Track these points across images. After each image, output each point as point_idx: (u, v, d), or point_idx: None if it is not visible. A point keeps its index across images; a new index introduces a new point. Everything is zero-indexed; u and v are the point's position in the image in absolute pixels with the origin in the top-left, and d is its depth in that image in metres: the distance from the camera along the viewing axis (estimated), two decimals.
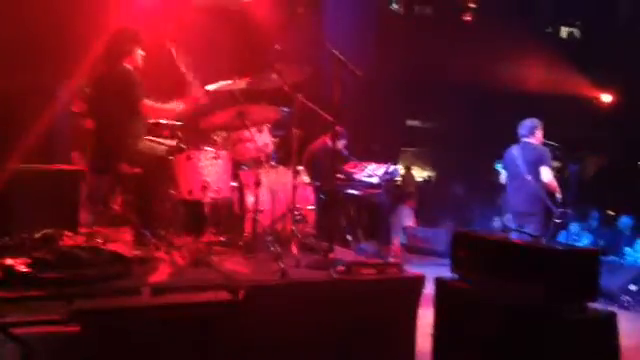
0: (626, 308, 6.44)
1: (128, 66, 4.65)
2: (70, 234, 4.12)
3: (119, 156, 4.59)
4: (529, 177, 6.11)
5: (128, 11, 6.23)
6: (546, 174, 6.11)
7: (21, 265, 3.30)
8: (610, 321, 3.08)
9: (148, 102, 4.55)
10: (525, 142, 6.31)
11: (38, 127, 5.62)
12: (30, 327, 3.35)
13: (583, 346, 2.98)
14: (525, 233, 3.44)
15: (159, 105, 4.65)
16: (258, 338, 3.50)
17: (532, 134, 6.29)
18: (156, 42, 4.91)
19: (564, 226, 6.56)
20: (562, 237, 7.39)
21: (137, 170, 4.61)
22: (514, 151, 6.33)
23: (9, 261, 3.32)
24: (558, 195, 6.20)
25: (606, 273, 6.51)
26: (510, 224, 6.23)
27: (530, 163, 6.17)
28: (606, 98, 13.00)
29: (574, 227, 8.52)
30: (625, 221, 8.79)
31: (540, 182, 6.11)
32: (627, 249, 7.76)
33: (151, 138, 4.77)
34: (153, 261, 3.98)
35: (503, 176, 6.54)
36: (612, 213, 9.55)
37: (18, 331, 3.29)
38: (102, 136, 4.69)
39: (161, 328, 3.36)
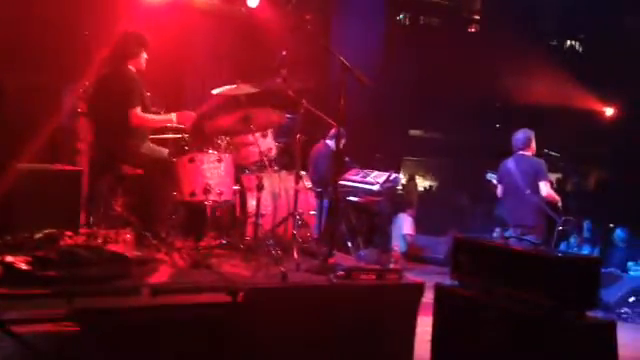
0: (624, 320, 6.43)
1: (132, 68, 4.68)
2: (71, 234, 4.12)
3: (120, 157, 4.60)
4: (528, 191, 6.06)
5: (135, 15, 6.27)
6: (544, 189, 6.06)
7: (22, 263, 3.30)
8: (609, 329, 3.08)
9: (139, 112, 4.52)
10: (520, 155, 6.23)
11: (42, 127, 5.64)
12: (30, 325, 3.36)
13: (582, 353, 2.98)
14: (526, 240, 3.45)
15: (150, 116, 4.64)
16: (257, 340, 3.50)
17: (527, 146, 6.22)
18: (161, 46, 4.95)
19: (566, 236, 6.54)
20: (562, 247, 7.38)
21: (139, 171, 4.63)
22: (509, 164, 6.25)
23: (10, 258, 3.33)
24: (559, 204, 6.16)
25: (604, 285, 6.55)
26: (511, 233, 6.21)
27: (528, 177, 6.11)
28: (609, 112, 13.02)
29: (573, 238, 8.51)
30: (619, 234, 8.79)
31: (540, 195, 6.09)
32: (630, 264, 7.73)
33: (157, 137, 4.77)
34: (153, 262, 3.98)
35: (499, 189, 6.46)
36: (611, 225, 9.54)
37: (18, 329, 3.30)
38: (103, 137, 4.72)
39: (160, 328, 3.37)
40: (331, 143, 6.91)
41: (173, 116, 4.70)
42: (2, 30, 5.75)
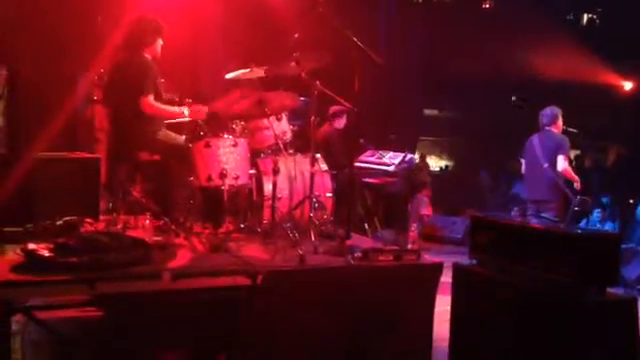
0: None
1: (147, 56, 4.69)
2: (91, 221, 4.17)
3: (137, 144, 4.63)
4: (546, 165, 6.11)
5: (146, 0, 6.25)
6: (561, 163, 6.10)
7: (44, 250, 3.36)
8: (631, 305, 3.06)
9: (151, 100, 4.53)
10: (546, 130, 6.34)
11: (60, 115, 5.69)
12: (54, 311, 3.43)
13: (603, 330, 2.96)
14: (544, 218, 3.42)
15: (163, 106, 4.65)
16: (276, 322, 3.54)
17: (554, 122, 6.32)
18: (174, 31, 4.94)
19: (585, 214, 6.50)
20: (583, 224, 7.31)
21: (156, 157, 4.66)
22: (534, 140, 6.34)
23: (32, 246, 3.39)
24: (576, 183, 6.18)
25: (625, 261, 6.50)
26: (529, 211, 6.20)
27: (549, 151, 6.18)
28: (627, 86, 12.81)
29: (595, 215, 8.43)
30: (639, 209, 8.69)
31: (557, 171, 6.10)
32: None
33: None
34: (173, 247, 4.02)
35: (523, 165, 6.53)
36: (631, 201, 9.44)
37: (42, 314, 3.37)
38: (119, 124, 4.74)
39: (181, 312, 3.41)
40: (335, 122, 6.89)
41: (185, 110, 4.70)
42: (16, 18, 5.77)
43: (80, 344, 3.42)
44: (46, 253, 3.33)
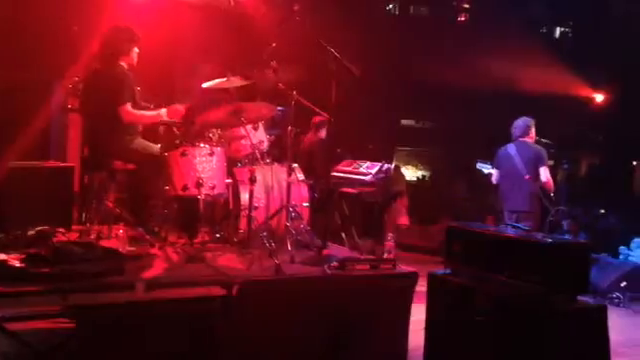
0: (616, 305, 6.48)
1: (123, 65, 4.66)
2: (63, 231, 4.12)
3: (112, 153, 4.59)
4: (527, 176, 6.13)
5: (123, 9, 6.23)
6: (544, 174, 6.16)
7: (15, 260, 3.31)
8: (600, 313, 3.12)
9: (129, 108, 4.51)
10: (521, 141, 6.32)
11: (33, 123, 5.62)
12: (25, 322, 3.36)
13: (574, 338, 3.01)
14: (518, 227, 3.48)
15: (141, 112, 4.63)
16: (252, 333, 3.52)
17: (527, 134, 6.33)
18: (149, 40, 4.92)
19: (558, 224, 6.58)
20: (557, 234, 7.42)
21: (130, 167, 4.63)
22: (510, 150, 6.33)
23: (3, 256, 3.33)
24: (552, 194, 6.24)
25: (597, 270, 6.61)
26: (506, 221, 6.26)
27: (528, 162, 6.19)
28: (599, 98, 13.06)
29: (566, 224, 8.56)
30: (610, 219, 8.87)
31: (539, 182, 6.16)
32: (622, 248, 7.77)
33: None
34: (147, 257, 3.99)
35: (495, 175, 6.52)
36: (602, 211, 9.61)
37: (13, 326, 3.31)
38: (94, 133, 4.71)
39: (155, 323, 3.38)
40: (319, 133, 6.95)
41: (163, 112, 4.69)
42: None
43: (52, 356, 3.36)
44: (17, 264, 3.28)
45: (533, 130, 6.35)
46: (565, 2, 13.10)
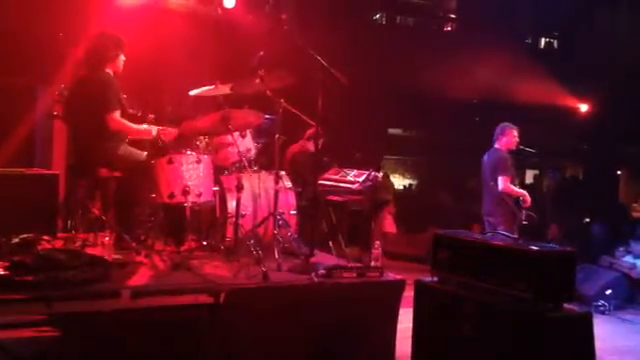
0: (602, 312, 6.54)
1: (109, 72, 4.64)
2: (49, 238, 4.08)
3: (98, 160, 4.56)
4: (492, 182, 6.22)
5: (110, 16, 6.22)
6: (500, 184, 6.15)
7: None
8: (586, 321, 3.14)
9: (117, 117, 4.47)
10: (492, 148, 6.42)
11: (18, 130, 5.57)
12: (9, 330, 3.32)
13: (560, 345, 3.03)
14: (502, 234, 3.50)
15: (130, 124, 4.58)
16: (239, 341, 3.51)
17: (497, 140, 6.38)
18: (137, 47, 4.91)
19: (534, 228, 6.59)
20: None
21: (116, 174, 4.60)
22: (485, 156, 6.46)
23: None
24: (523, 197, 6.18)
25: (583, 278, 6.66)
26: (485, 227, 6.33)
27: (491, 168, 6.29)
28: (583, 108, 13.22)
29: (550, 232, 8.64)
30: (595, 228, 8.95)
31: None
32: (606, 256, 7.82)
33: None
34: (133, 265, 3.96)
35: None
36: (587, 220, 9.70)
37: None
38: (80, 140, 4.66)
39: (141, 331, 3.35)
40: (309, 144, 6.93)
41: (154, 129, 4.64)
42: None
43: None
44: (1, 271, 3.25)
45: (507, 136, 6.34)
46: (550, 13, 13.26)
